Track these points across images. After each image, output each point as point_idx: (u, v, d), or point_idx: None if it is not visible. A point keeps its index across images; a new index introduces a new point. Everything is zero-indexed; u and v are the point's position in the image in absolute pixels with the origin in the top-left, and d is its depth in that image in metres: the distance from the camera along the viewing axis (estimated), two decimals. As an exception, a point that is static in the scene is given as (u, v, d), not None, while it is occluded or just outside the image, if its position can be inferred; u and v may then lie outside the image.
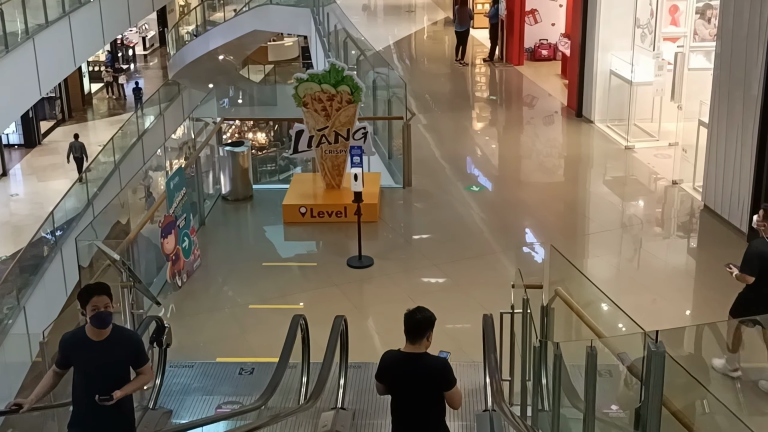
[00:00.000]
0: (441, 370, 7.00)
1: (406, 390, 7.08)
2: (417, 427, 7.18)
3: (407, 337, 7.05)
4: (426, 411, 7.09)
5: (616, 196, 16.00)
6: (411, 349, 7.02)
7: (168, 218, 12.54)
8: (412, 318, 7.04)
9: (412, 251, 13.95)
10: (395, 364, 7.14)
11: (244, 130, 39.39)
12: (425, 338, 7.00)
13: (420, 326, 7.00)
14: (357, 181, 12.91)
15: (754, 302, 9.56)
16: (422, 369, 6.99)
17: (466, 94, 24.38)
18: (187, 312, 12.28)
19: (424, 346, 7.02)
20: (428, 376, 6.99)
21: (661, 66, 17.32)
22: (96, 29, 27.89)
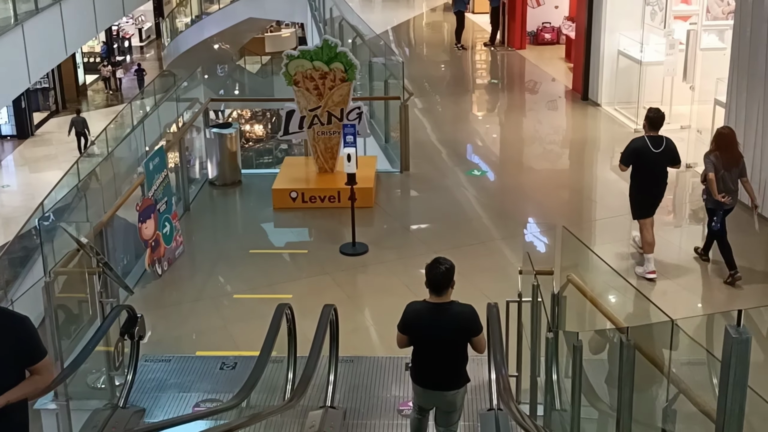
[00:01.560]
0: (471, 316, 7.24)
1: (434, 339, 7.26)
2: (444, 374, 7.37)
3: (431, 291, 7.25)
4: (453, 358, 7.32)
5: (625, 181, 15.09)
6: (437, 299, 7.22)
7: (147, 201, 11.68)
8: (435, 272, 7.18)
9: (409, 238, 13.10)
10: (424, 315, 7.30)
11: (241, 122, 38.81)
12: (450, 287, 7.19)
13: (444, 279, 7.16)
14: (350, 162, 12.02)
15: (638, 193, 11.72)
16: (453, 317, 7.21)
17: (466, 79, 23.49)
18: (167, 302, 11.47)
19: (449, 295, 7.23)
20: (458, 323, 7.22)
21: (673, 45, 16.41)
22: (88, 17, 27.25)
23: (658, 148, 11.50)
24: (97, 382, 9.49)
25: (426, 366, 7.42)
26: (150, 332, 10.32)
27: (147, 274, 11.89)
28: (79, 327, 9.54)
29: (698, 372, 7.06)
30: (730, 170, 11.32)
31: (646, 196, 11.75)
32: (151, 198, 11.78)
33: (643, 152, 11.50)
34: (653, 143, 11.51)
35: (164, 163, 12.29)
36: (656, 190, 11.75)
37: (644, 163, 11.54)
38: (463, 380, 7.47)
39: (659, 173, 11.67)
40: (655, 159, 11.52)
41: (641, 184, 11.70)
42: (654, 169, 11.60)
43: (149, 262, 11.71)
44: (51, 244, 9.97)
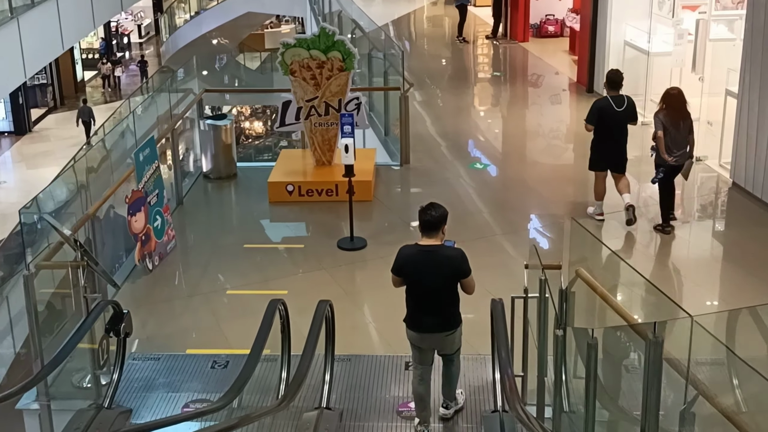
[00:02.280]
0: (458, 259, 7.69)
1: (424, 279, 7.70)
2: (433, 312, 7.76)
3: (423, 233, 7.76)
4: (441, 297, 7.72)
5: (633, 174, 14.61)
6: (427, 242, 7.72)
7: (136, 194, 11.23)
8: (427, 214, 7.72)
9: (409, 232, 12.58)
10: (416, 256, 7.76)
11: (241, 119, 38.38)
12: (440, 231, 7.70)
13: (435, 221, 7.67)
14: (348, 153, 11.57)
15: (599, 149, 12.58)
16: (440, 258, 7.65)
17: (468, 72, 23.00)
18: (157, 298, 11.02)
19: (439, 239, 7.71)
20: (446, 265, 7.66)
21: (682, 35, 15.95)
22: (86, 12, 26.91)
23: (620, 107, 12.39)
24: (82, 381, 9.09)
25: (418, 308, 7.83)
26: (139, 329, 9.96)
27: (137, 270, 11.44)
28: (62, 323, 9.10)
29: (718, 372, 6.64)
30: (679, 128, 12.08)
31: (608, 151, 12.58)
32: (141, 190, 11.34)
33: (606, 111, 12.37)
34: (616, 102, 12.40)
35: (155, 153, 11.84)
36: (617, 146, 12.58)
37: (607, 121, 12.39)
38: (456, 321, 7.83)
39: (621, 130, 12.55)
40: (618, 117, 12.41)
41: (603, 140, 12.54)
42: (616, 127, 12.47)
43: (139, 257, 11.27)
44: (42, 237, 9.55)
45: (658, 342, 5.11)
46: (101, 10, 28.69)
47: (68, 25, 25.03)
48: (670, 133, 12.10)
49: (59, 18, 24.55)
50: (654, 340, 5.10)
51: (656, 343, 5.10)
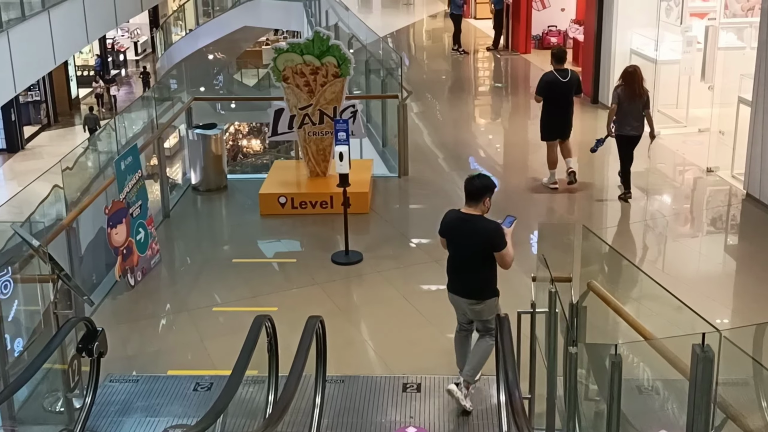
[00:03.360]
0: (491, 232, 7.79)
1: (460, 246, 7.97)
2: (461, 277, 8.05)
3: (466, 200, 7.93)
4: (470, 266, 7.92)
5: (642, 185, 14.00)
6: (468, 210, 7.91)
7: (117, 204, 10.59)
8: (471, 183, 7.91)
9: (408, 246, 12.00)
10: (454, 221, 8.02)
11: (239, 137, 37.87)
12: (482, 203, 7.86)
13: (477, 191, 7.85)
14: (342, 161, 10.92)
15: (548, 119, 13.62)
16: (475, 229, 7.84)
17: (469, 83, 22.44)
18: (139, 315, 10.34)
19: (480, 210, 7.87)
20: (479, 236, 7.82)
21: (690, 42, 15.34)
22: (78, 26, 26.48)
23: (565, 78, 13.48)
24: (54, 405, 8.41)
25: (451, 270, 8.15)
26: (118, 349, 9.31)
27: (119, 285, 10.78)
28: (30, 342, 8.44)
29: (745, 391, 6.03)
30: (634, 102, 12.83)
31: (556, 120, 13.61)
32: (123, 201, 10.69)
33: (554, 83, 13.43)
34: (561, 75, 13.48)
35: (138, 163, 11.20)
36: (565, 114, 13.66)
37: (555, 92, 13.46)
38: (488, 294, 7.95)
39: (567, 100, 13.60)
40: (564, 87, 13.47)
41: (551, 111, 13.59)
42: (563, 97, 13.53)
43: (120, 272, 10.61)
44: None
45: (708, 357, 4.44)
46: (95, 25, 28.20)
47: (60, 40, 24.53)
48: (624, 107, 12.89)
49: (51, 32, 24.06)
50: (703, 355, 4.43)
51: (706, 358, 4.43)
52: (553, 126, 13.65)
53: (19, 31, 21.64)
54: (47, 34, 24.16)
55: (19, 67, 21.60)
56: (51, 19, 24.10)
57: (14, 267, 8.29)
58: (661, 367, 6.41)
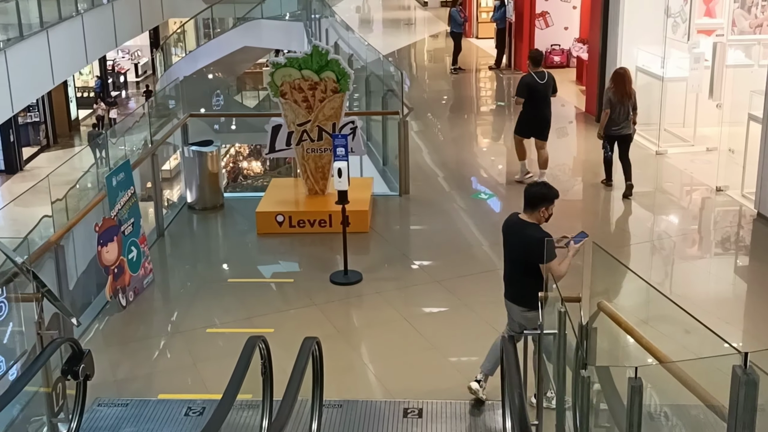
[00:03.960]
0: (532, 243, 7.60)
1: (508, 250, 8.10)
2: (507, 280, 8.15)
3: (524, 206, 7.95)
4: (519, 273, 7.90)
5: (649, 205, 13.65)
6: (524, 216, 7.93)
7: (108, 222, 10.24)
8: (529, 190, 8.03)
9: (409, 266, 11.62)
10: (508, 225, 8.10)
11: (239, 159, 37.61)
12: (537, 211, 7.85)
13: (533, 198, 7.90)
14: (341, 177, 10.57)
15: (527, 118, 14.47)
16: (521, 236, 7.85)
17: (470, 102, 22.09)
18: (130, 337, 9.97)
19: (535, 218, 7.86)
20: (522, 244, 7.82)
21: (698, 58, 15.01)
22: (77, 46, 26.33)
23: (542, 80, 14.26)
24: (39, 431, 8.03)
25: (504, 275, 8.20)
26: (107, 372, 8.99)
27: (110, 306, 10.41)
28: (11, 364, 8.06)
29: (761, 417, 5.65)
30: (624, 103, 13.55)
31: (535, 120, 14.39)
32: (114, 218, 10.34)
33: (532, 85, 14.22)
34: (538, 77, 14.27)
35: (131, 179, 10.85)
36: (543, 115, 14.39)
37: (533, 93, 14.23)
38: (528, 301, 7.72)
39: (544, 100, 14.34)
40: (541, 89, 14.24)
41: (531, 111, 14.36)
42: (541, 98, 14.29)
43: (111, 292, 10.25)
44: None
45: (752, 380, 4.04)
46: (94, 45, 28.02)
47: (59, 60, 24.33)
48: (616, 108, 13.55)
49: (50, 52, 23.85)
50: (746, 377, 4.03)
51: (749, 381, 4.03)
52: (533, 125, 14.46)
53: (17, 51, 21.41)
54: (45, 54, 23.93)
55: (16, 87, 21.37)
56: (49, 39, 23.88)
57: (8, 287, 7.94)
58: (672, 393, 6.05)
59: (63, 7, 25.32)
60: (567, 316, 6.33)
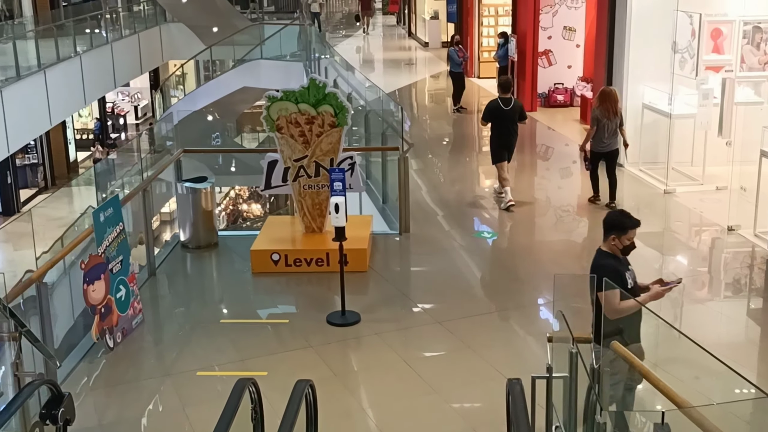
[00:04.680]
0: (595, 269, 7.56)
1: None
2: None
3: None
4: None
5: (658, 244, 13.20)
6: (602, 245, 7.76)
7: (95, 259, 9.78)
8: (606, 215, 7.94)
9: (409, 306, 11.15)
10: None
11: (239, 202, 37.23)
12: (609, 239, 7.65)
13: (604, 225, 7.76)
14: (338, 213, 10.13)
15: (497, 141, 15.09)
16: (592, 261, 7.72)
17: (472, 141, 21.72)
18: (117, 380, 9.49)
19: (606, 246, 7.69)
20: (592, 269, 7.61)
21: (707, 94, 14.61)
22: (76, 87, 26.11)
23: (508, 106, 14.86)
24: (17, 480, 7.55)
25: None
26: (91, 416, 8.54)
27: (97, 347, 9.95)
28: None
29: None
30: (611, 120, 14.20)
31: (502, 144, 15.03)
32: (102, 255, 9.89)
33: (498, 110, 14.88)
34: (504, 103, 14.91)
35: (120, 215, 10.41)
36: (509, 139, 15.04)
37: (499, 118, 14.89)
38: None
39: (511, 125, 14.97)
40: (507, 115, 14.85)
41: (498, 135, 15.06)
42: (506, 123, 14.90)
43: (97, 332, 9.79)
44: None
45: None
46: (93, 86, 27.79)
47: (56, 100, 24.09)
48: (604, 124, 14.21)
49: (47, 92, 23.59)
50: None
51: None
52: (502, 149, 15.03)
53: (13, 90, 21.17)
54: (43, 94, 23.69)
55: (12, 127, 21.10)
56: (47, 79, 23.63)
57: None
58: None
59: (61, 47, 25.16)
60: (579, 358, 5.87)
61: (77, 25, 28.05)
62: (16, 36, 24.84)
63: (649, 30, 16.26)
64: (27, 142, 28.24)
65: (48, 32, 25.97)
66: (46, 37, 25.22)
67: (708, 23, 15.13)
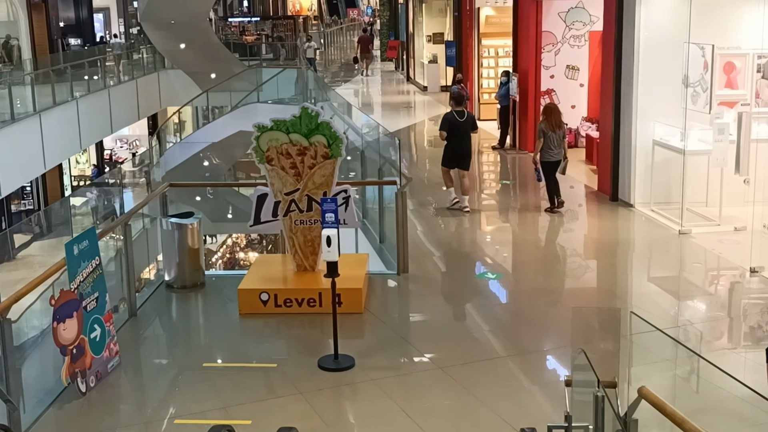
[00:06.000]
0: None
1: None
2: None
3: None
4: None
5: (674, 287, 12.39)
6: None
7: (67, 295, 8.98)
8: None
9: (408, 350, 10.31)
10: None
11: (236, 250, 36.54)
12: None
13: None
14: (330, 247, 9.33)
15: (450, 151, 16.56)
16: None
17: (473, 181, 21.00)
18: (88, 428, 8.69)
19: None
20: None
21: (722, 129, 13.87)
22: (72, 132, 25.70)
23: (461, 118, 16.44)
24: None
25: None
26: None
27: (68, 392, 9.10)
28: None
29: None
30: (556, 132, 15.91)
31: (456, 153, 16.52)
32: (74, 291, 9.08)
33: (452, 121, 16.43)
34: (458, 115, 16.48)
35: (96, 249, 9.61)
36: (464, 147, 16.52)
37: (454, 129, 16.40)
38: None
39: (464, 135, 16.50)
40: (461, 126, 16.41)
41: (452, 145, 16.49)
42: (460, 133, 16.44)
43: (68, 374, 8.95)
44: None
45: None
46: (89, 131, 27.36)
47: (51, 144, 23.75)
48: (549, 136, 15.86)
49: (42, 136, 23.20)
50: None
51: None
52: (455, 157, 16.50)
53: (7, 134, 20.78)
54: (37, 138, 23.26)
55: (5, 170, 20.66)
56: (42, 123, 23.20)
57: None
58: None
59: (58, 92, 24.84)
60: (605, 403, 5.05)
61: (75, 71, 27.70)
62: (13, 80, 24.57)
63: (658, 64, 15.56)
64: (20, 185, 27.77)
65: (46, 76, 25.72)
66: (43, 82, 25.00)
67: (720, 57, 14.44)
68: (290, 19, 58.31)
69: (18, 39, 34.83)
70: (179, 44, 35.24)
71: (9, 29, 34.80)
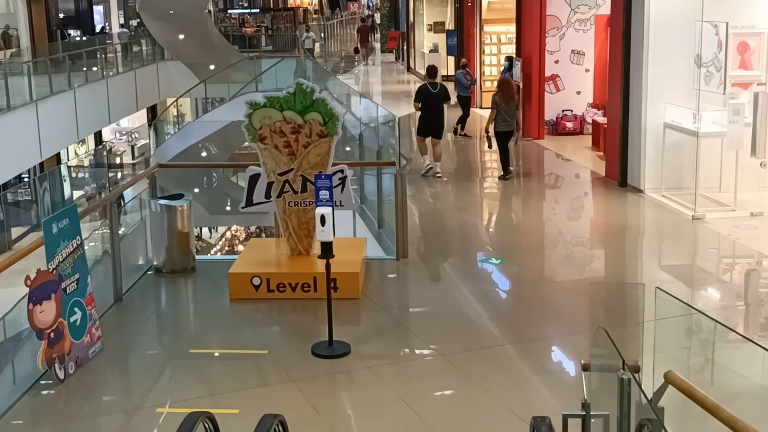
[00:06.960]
0: None
1: None
2: None
3: None
4: None
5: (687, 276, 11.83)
6: None
7: (44, 275, 8.42)
8: None
9: (407, 337, 9.75)
10: None
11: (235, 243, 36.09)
12: None
13: None
14: (324, 226, 8.75)
15: (423, 122, 17.93)
16: None
17: (476, 165, 20.52)
18: (66, 416, 8.17)
19: None
20: None
21: (737, 110, 13.28)
22: (69, 121, 25.30)
23: (435, 89, 17.63)
24: None
25: None
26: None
27: (46, 377, 8.54)
28: None
29: None
30: (509, 104, 16.91)
31: (428, 123, 17.67)
32: (53, 272, 8.52)
33: (426, 93, 17.65)
34: (432, 87, 17.69)
35: (77, 228, 9.04)
36: (435, 118, 17.60)
37: (427, 100, 17.60)
38: None
39: (437, 106, 17.63)
40: (434, 96, 17.59)
41: (426, 115, 17.69)
42: (433, 104, 17.60)
43: (45, 359, 8.39)
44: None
45: None
46: (86, 121, 27.03)
47: (47, 134, 23.43)
48: (502, 108, 16.88)
49: (38, 126, 22.87)
50: None
51: None
52: (428, 127, 17.60)
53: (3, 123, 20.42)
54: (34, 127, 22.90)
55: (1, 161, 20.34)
56: (39, 112, 22.84)
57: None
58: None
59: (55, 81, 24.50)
60: (631, 387, 4.47)
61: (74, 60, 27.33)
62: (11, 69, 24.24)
63: (668, 44, 14.97)
64: (15, 174, 27.37)
65: (43, 65, 25.35)
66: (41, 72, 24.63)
67: (734, 36, 13.89)
68: (290, 11, 58.00)
69: (17, 29, 34.49)
70: (178, 35, 34.81)
71: (8, 20, 34.47)
